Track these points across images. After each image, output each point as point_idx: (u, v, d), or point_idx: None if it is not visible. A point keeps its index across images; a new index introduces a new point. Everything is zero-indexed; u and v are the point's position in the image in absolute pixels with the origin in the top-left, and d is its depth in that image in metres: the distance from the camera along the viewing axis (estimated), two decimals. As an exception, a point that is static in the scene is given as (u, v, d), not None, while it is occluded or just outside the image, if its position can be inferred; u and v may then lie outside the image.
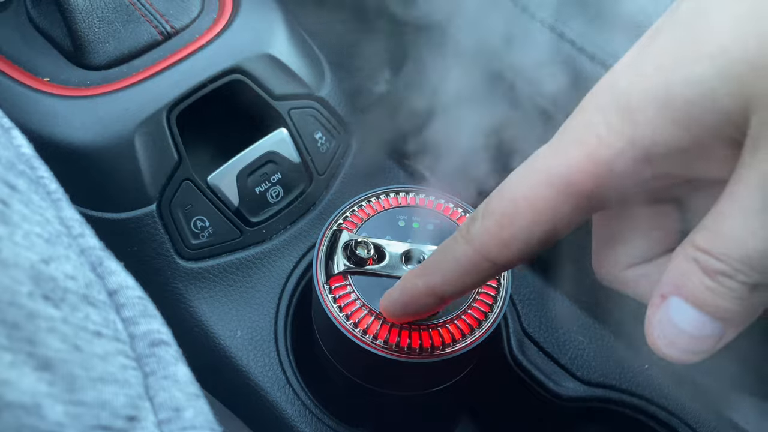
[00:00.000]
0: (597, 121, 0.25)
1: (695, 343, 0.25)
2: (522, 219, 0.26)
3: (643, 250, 0.29)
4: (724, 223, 0.23)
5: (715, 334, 0.24)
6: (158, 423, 0.19)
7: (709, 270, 0.23)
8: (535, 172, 0.26)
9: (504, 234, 0.27)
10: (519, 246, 0.27)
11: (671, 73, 0.23)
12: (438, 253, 0.31)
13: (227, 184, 0.46)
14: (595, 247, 0.31)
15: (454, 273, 0.29)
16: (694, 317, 0.24)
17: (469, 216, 0.30)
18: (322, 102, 0.50)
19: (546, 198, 0.26)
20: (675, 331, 0.25)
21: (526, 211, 0.26)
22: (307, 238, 0.49)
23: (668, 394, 0.45)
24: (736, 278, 0.23)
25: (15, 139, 0.23)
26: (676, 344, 0.25)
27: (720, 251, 0.23)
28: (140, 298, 0.22)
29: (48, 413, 0.16)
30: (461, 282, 0.30)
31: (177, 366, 0.20)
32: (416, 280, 0.32)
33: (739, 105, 0.22)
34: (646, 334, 0.26)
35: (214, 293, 0.47)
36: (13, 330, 0.17)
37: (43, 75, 0.46)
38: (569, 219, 0.26)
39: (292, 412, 0.44)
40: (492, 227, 0.27)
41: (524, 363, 0.46)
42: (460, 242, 0.29)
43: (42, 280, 0.18)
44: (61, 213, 0.22)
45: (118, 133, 0.43)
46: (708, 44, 0.23)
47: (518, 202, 0.26)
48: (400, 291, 0.33)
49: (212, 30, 0.48)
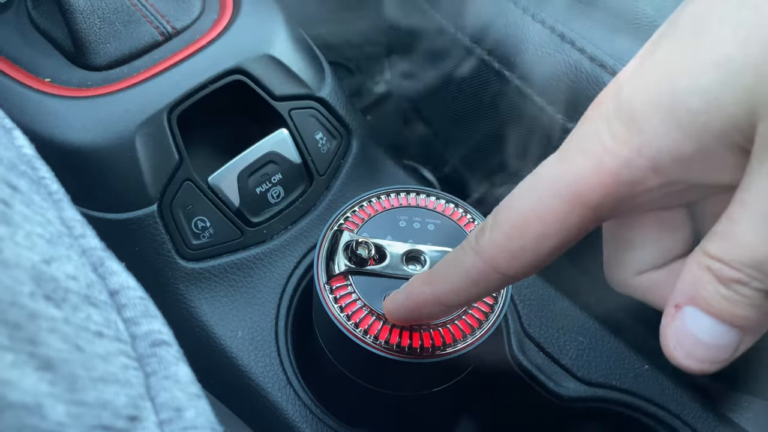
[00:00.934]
0: (602, 131, 0.25)
1: (713, 352, 0.24)
2: (531, 231, 0.26)
3: (654, 256, 0.29)
4: (735, 230, 0.23)
5: (733, 342, 0.24)
6: (159, 423, 0.19)
7: (723, 278, 0.23)
8: (543, 182, 0.26)
9: (513, 246, 0.27)
10: (529, 258, 0.27)
11: (676, 82, 0.23)
12: (446, 262, 0.30)
13: (228, 184, 0.46)
14: (606, 254, 0.31)
15: (462, 283, 0.29)
16: (710, 326, 0.24)
17: (478, 227, 0.30)
18: (322, 102, 0.50)
19: (554, 210, 0.26)
20: (692, 341, 0.25)
21: (535, 224, 0.26)
22: (308, 238, 0.49)
23: (669, 394, 0.45)
24: (751, 285, 0.23)
25: (16, 139, 0.23)
26: (694, 354, 0.25)
27: (732, 258, 0.23)
28: (141, 298, 0.22)
29: (49, 413, 0.16)
30: (468, 292, 0.30)
31: (178, 366, 0.21)
32: (423, 288, 0.31)
33: (745, 112, 0.22)
34: (662, 345, 0.26)
35: (215, 293, 0.47)
36: (15, 330, 0.17)
37: (44, 76, 0.46)
38: (578, 229, 0.26)
39: (293, 412, 0.44)
40: (501, 239, 0.27)
41: (525, 363, 0.46)
42: (469, 253, 0.29)
43: (43, 280, 0.18)
44: (62, 213, 0.22)
45: (119, 134, 0.43)
46: (712, 53, 0.23)
47: (526, 214, 0.26)
48: (406, 296, 0.33)
49: (213, 31, 0.48)
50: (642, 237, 0.29)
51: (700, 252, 0.24)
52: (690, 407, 0.45)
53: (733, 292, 0.23)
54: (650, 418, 0.45)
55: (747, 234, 0.22)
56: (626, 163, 0.24)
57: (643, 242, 0.29)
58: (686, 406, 0.45)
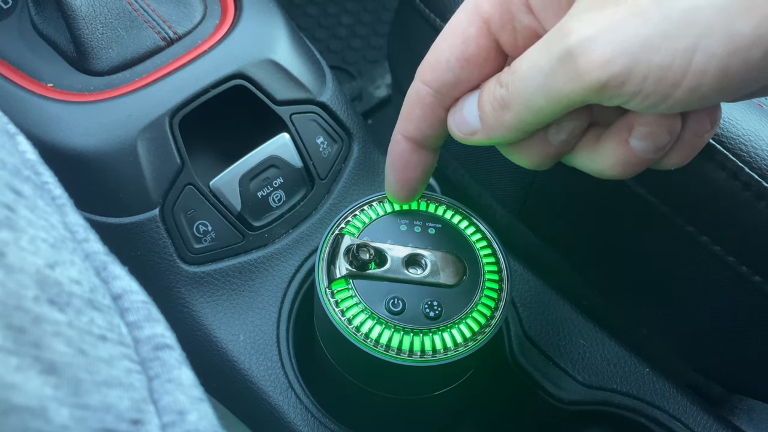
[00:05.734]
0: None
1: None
2: (444, 42, 0.33)
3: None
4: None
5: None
6: (162, 426, 0.19)
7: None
8: (459, 9, 0.34)
9: (432, 58, 0.34)
10: (442, 66, 0.33)
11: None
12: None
13: (229, 188, 0.46)
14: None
15: (406, 109, 0.36)
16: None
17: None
18: (323, 107, 0.50)
19: (460, 22, 0.33)
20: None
21: (448, 34, 0.33)
22: (309, 242, 0.49)
23: (669, 397, 0.45)
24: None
25: (20, 144, 0.23)
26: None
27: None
28: (144, 302, 0.22)
29: (53, 416, 0.16)
30: (415, 115, 0.35)
31: (181, 369, 0.21)
32: (393, 135, 0.37)
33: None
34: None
35: (217, 297, 0.47)
36: (19, 334, 0.17)
37: (47, 81, 0.46)
38: (476, 38, 0.32)
39: (294, 415, 0.44)
40: (428, 56, 0.34)
41: (525, 366, 0.46)
42: (413, 82, 0.35)
43: (47, 284, 0.18)
44: (65, 218, 0.22)
45: (121, 139, 0.43)
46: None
47: (444, 30, 0.34)
48: (387, 155, 0.38)
49: (214, 36, 0.48)
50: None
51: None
52: (690, 410, 0.45)
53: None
54: (651, 421, 0.45)
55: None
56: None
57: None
58: (686, 408, 0.45)
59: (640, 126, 0.30)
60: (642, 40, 0.26)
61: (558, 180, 0.49)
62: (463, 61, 0.33)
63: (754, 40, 0.25)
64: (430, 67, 0.34)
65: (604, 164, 0.32)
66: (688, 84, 0.26)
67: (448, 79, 0.33)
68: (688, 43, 0.25)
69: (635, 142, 0.30)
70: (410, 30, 0.55)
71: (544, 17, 0.31)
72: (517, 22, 0.32)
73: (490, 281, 0.38)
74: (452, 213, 0.41)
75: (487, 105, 0.32)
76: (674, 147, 0.31)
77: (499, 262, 0.39)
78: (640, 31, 0.26)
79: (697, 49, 0.25)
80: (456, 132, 0.34)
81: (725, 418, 0.45)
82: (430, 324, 0.37)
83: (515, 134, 0.32)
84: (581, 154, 0.33)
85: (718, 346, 0.48)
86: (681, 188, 0.42)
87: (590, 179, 0.35)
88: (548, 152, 0.33)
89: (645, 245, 0.47)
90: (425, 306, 0.37)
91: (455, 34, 0.33)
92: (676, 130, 0.30)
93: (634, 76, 0.26)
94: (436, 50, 0.34)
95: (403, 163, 0.38)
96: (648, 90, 0.27)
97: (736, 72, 0.26)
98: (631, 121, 0.30)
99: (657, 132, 0.30)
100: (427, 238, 0.39)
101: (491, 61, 0.33)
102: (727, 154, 0.39)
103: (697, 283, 0.45)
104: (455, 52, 0.33)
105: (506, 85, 0.30)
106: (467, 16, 0.33)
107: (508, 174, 0.53)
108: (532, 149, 0.33)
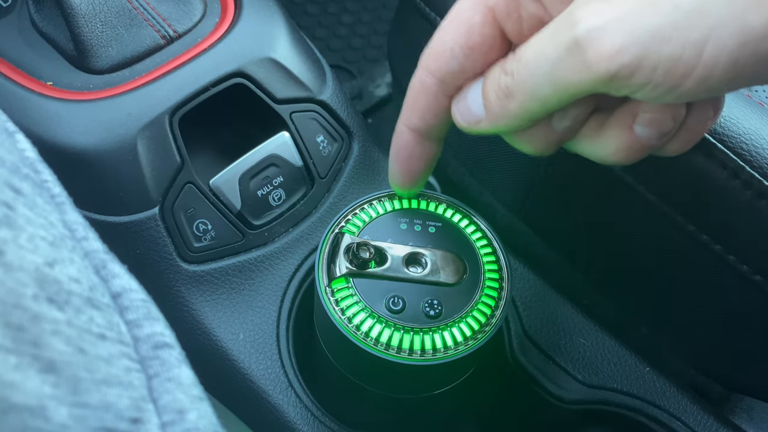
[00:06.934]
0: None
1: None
2: (448, 32, 0.33)
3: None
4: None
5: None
6: (162, 425, 0.19)
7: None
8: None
9: (435, 47, 0.33)
10: (446, 55, 0.33)
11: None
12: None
13: (229, 187, 0.46)
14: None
15: (410, 100, 0.35)
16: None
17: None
18: (323, 105, 0.50)
19: (464, 11, 0.33)
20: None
21: (452, 23, 0.33)
22: (309, 241, 0.49)
23: (669, 396, 0.45)
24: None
25: (19, 143, 0.23)
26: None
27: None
28: (144, 300, 0.22)
29: (53, 415, 0.16)
30: (419, 105, 0.35)
31: (180, 368, 0.21)
32: (397, 127, 0.37)
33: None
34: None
35: (217, 296, 0.47)
36: (18, 332, 0.17)
37: (46, 79, 0.46)
38: (480, 27, 0.32)
39: (294, 414, 0.44)
40: (431, 44, 0.34)
41: (526, 365, 0.46)
42: (416, 71, 0.35)
43: (46, 283, 0.18)
44: (64, 216, 0.22)
45: (120, 137, 0.43)
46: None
47: (448, 18, 0.33)
48: (391, 146, 0.38)
49: (214, 34, 0.48)
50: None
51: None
52: (691, 409, 0.45)
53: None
54: (651, 420, 0.45)
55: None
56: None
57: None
58: (687, 407, 0.45)
59: (645, 113, 0.30)
60: (652, 31, 0.26)
61: (559, 179, 0.49)
62: (468, 49, 0.33)
63: (766, 33, 0.25)
64: (434, 56, 0.34)
65: (607, 150, 0.32)
66: (698, 75, 0.26)
67: (452, 67, 0.33)
68: (699, 34, 0.25)
69: (640, 129, 0.30)
70: (411, 29, 0.55)
71: (551, 5, 0.31)
72: (524, 10, 0.32)
73: (490, 280, 0.38)
74: (452, 212, 0.41)
75: (491, 93, 0.32)
76: (677, 134, 0.31)
77: (499, 261, 0.39)
78: (651, 21, 0.26)
79: (708, 41, 0.25)
80: (460, 121, 0.34)
81: (725, 417, 0.45)
82: (430, 323, 0.37)
83: (520, 123, 0.32)
84: (584, 140, 0.33)
85: (718, 345, 0.48)
86: (681, 187, 0.42)
87: (591, 178, 0.35)
88: (552, 139, 0.33)
89: (645, 244, 0.47)
90: (425, 305, 0.37)
91: (459, 23, 0.33)
92: (680, 117, 0.30)
93: (644, 67, 0.26)
94: (440, 39, 0.33)
95: (407, 154, 0.37)
96: (657, 81, 0.27)
97: (746, 64, 0.26)
98: (636, 108, 0.30)
99: (662, 119, 0.30)
100: (427, 236, 0.39)
101: (496, 49, 0.33)
102: (728, 153, 0.39)
103: (697, 281, 0.45)
104: (459, 40, 0.33)
105: (511, 74, 0.30)
106: (472, 4, 0.32)
107: (509, 173, 0.53)
108: (535, 136, 0.33)
